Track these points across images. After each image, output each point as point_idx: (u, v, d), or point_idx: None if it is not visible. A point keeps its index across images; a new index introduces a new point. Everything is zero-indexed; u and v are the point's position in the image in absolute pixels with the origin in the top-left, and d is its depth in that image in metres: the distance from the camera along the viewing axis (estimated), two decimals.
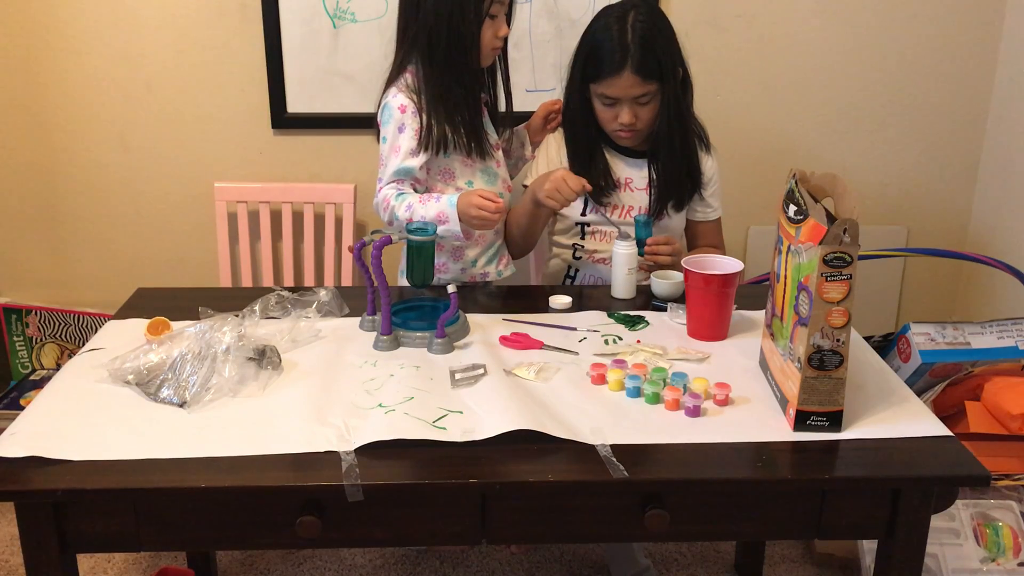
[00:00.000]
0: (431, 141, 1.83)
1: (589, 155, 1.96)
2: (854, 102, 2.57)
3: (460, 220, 1.76)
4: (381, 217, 1.85)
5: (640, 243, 1.87)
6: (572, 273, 2.05)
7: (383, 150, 1.86)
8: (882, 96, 2.57)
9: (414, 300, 1.76)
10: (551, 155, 2.01)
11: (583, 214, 1.99)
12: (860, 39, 2.51)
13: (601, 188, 1.95)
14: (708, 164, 2.00)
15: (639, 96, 1.84)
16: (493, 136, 1.97)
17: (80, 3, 2.40)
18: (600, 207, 1.96)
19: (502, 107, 1.99)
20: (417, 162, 1.83)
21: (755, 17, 2.48)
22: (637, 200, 1.97)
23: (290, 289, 1.78)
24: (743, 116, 2.57)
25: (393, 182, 1.84)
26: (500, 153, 1.99)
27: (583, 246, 2.02)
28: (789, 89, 2.55)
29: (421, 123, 1.82)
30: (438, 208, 1.78)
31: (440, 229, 1.76)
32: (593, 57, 1.85)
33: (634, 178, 1.97)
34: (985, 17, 2.50)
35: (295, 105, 2.49)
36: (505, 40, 1.89)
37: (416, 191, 1.85)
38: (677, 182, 1.95)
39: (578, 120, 1.95)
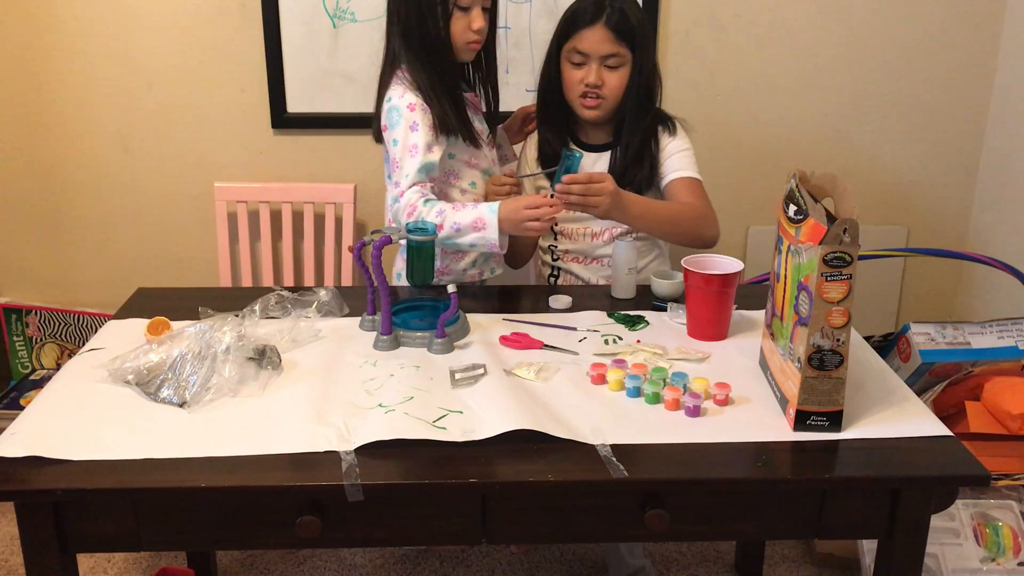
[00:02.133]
0: (446, 128, 1.80)
1: (558, 136, 1.96)
2: (854, 102, 2.57)
3: (502, 227, 1.72)
4: (401, 223, 1.77)
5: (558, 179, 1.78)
6: (556, 273, 2.05)
7: (395, 152, 1.80)
8: (882, 96, 2.57)
9: (414, 300, 1.76)
10: (529, 157, 2.04)
11: None
12: (860, 39, 2.51)
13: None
14: (673, 143, 1.93)
15: (609, 56, 1.84)
16: (487, 132, 1.96)
17: (80, 3, 2.40)
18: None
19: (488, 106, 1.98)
20: (436, 155, 1.79)
21: (755, 17, 2.48)
22: None
23: (290, 289, 1.78)
24: (743, 116, 2.57)
25: (415, 184, 1.77)
26: (495, 152, 1.99)
27: (557, 247, 2.02)
28: (789, 89, 2.55)
29: (433, 116, 1.79)
30: (476, 214, 1.73)
31: (472, 236, 1.72)
32: (570, 18, 1.87)
33: (596, 170, 1.97)
34: (985, 17, 2.51)
35: (295, 105, 2.49)
36: (491, 36, 1.88)
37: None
38: (635, 164, 1.92)
39: (550, 97, 1.95)
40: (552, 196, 1.76)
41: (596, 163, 1.98)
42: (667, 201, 1.90)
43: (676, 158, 1.93)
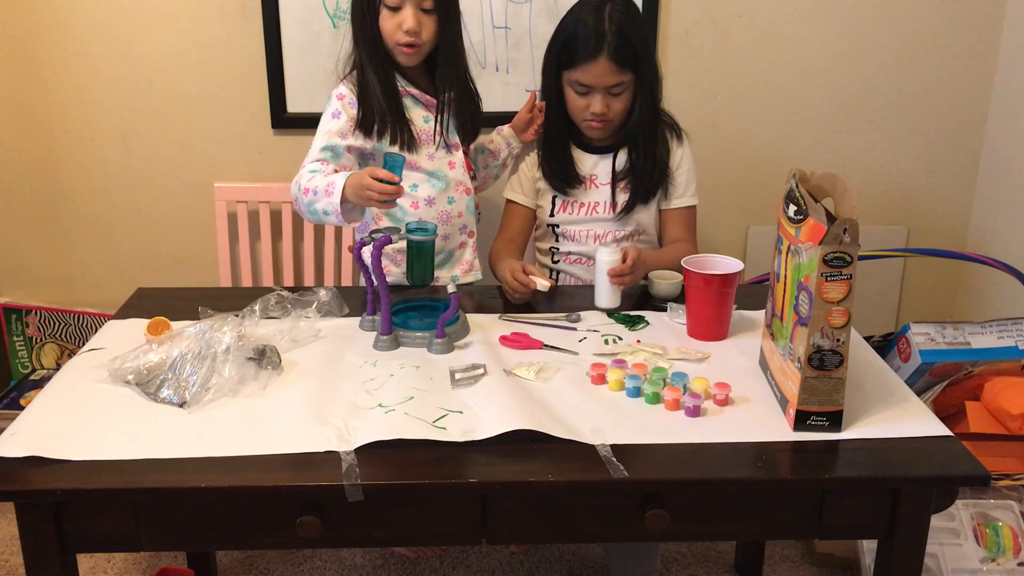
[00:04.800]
0: (367, 127, 1.84)
1: (559, 149, 1.97)
2: (854, 102, 2.57)
3: (345, 191, 1.69)
4: (292, 197, 1.82)
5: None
6: (554, 276, 2.05)
7: (315, 138, 1.87)
8: (882, 96, 2.57)
9: (414, 300, 1.76)
10: (522, 168, 2.04)
11: (551, 215, 2.00)
12: (860, 39, 2.51)
13: (566, 181, 1.96)
14: (678, 153, 1.98)
15: (613, 86, 1.85)
16: (453, 137, 1.95)
17: (81, 2, 2.40)
18: (565, 200, 1.98)
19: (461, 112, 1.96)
20: (345, 142, 1.82)
21: (755, 17, 2.48)
22: (603, 196, 1.97)
23: (290, 289, 1.78)
24: (743, 116, 2.57)
25: (316, 161, 1.82)
26: (459, 154, 1.97)
27: (558, 248, 2.02)
28: (789, 89, 2.55)
29: (357, 112, 1.84)
30: (330, 179, 1.73)
31: (323, 202, 1.72)
32: (568, 44, 1.85)
33: (599, 174, 1.98)
34: (985, 17, 2.50)
35: (295, 105, 2.49)
36: (445, 42, 1.86)
37: None
38: (647, 175, 1.94)
39: (552, 112, 1.96)
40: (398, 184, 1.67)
41: (598, 164, 1.98)
42: (667, 248, 1.98)
43: (683, 176, 1.98)
